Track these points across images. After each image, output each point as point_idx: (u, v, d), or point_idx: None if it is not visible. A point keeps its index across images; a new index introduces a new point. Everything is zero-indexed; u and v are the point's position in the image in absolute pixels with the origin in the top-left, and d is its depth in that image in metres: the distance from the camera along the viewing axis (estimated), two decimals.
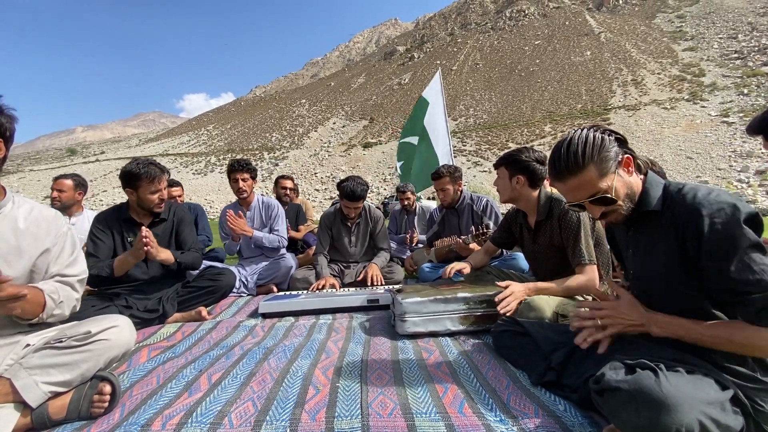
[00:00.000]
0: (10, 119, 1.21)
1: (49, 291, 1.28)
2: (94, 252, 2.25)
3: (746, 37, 60.92)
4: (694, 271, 1.04)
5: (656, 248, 1.14)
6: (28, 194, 49.98)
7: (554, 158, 1.17)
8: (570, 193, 1.18)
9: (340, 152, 60.33)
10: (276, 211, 3.36)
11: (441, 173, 3.21)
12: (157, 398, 1.32)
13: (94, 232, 2.31)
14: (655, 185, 1.15)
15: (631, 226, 1.22)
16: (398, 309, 1.95)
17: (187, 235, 2.53)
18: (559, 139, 1.18)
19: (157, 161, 2.37)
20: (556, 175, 1.18)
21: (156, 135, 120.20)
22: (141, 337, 2.06)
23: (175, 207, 2.58)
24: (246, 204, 3.37)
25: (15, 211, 1.30)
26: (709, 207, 0.99)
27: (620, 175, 1.14)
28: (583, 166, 1.11)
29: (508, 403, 1.25)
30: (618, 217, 1.17)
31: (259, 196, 3.42)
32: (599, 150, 1.11)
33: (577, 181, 1.13)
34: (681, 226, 1.04)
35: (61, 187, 3.24)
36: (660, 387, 0.87)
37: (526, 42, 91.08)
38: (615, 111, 48.54)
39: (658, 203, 1.12)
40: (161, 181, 2.31)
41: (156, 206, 2.33)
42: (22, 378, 1.16)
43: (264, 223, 3.36)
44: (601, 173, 1.11)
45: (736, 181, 28.37)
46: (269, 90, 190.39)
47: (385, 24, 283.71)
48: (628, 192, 1.14)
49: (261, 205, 3.39)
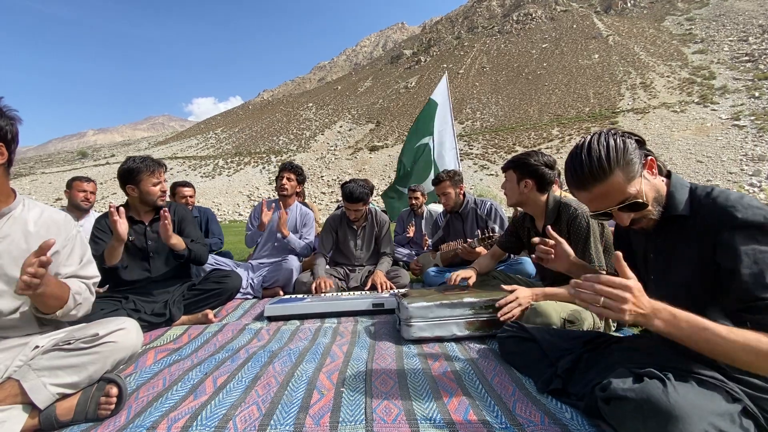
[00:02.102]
0: (10, 121, 1.20)
1: (75, 291, 1.32)
2: (95, 253, 2.25)
3: (757, 39, 60.17)
4: (718, 279, 0.98)
5: (681, 253, 1.08)
6: (40, 196, 50.75)
7: (575, 166, 1.10)
8: (596, 202, 1.11)
9: (346, 155, 60.52)
10: (310, 221, 3.57)
11: (441, 178, 3.25)
12: (163, 401, 1.33)
13: (96, 234, 2.33)
14: (681, 188, 1.10)
15: (654, 231, 1.16)
16: (404, 313, 1.94)
17: (191, 232, 2.56)
18: (575, 146, 1.12)
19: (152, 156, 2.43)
20: (579, 183, 1.10)
21: (165, 138, 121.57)
22: (148, 339, 2.08)
23: (174, 206, 2.60)
24: (287, 205, 3.56)
25: (25, 214, 1.32)
26: (743, 211, 0.94)
27: (646, 178, 1.08)
28: (610, 171, 1.04)
29: (513, 410, 1.23)
30: (648, 222, 1.11)
31: (297, 203, 3.63)
32: (624, 153, 1.04)
33: (604, 188, 1.06)
34: (712, 230, 0.99)
35: (92, 189, 3.52)
36: (668, 397, 0.86)
37: (534, 45, 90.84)
38: (623, 114, 48.13)
39: (686, 207, 1.06)
40: (161, 173, 2.38)
41: (159, 198, 2.37)
42: (30, 379, 1.17)
43: (297, 229, 3.54)
44: (628, 178, 1.05)
45: (747, 185, 27.93)
46: (277, 94, 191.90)
47: (392, 28, 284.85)
48: (656, 195, 1.09)
49: (298, 211, 3.60)
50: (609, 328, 1.89)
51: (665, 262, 1.15)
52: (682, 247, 1.08)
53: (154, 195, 2.35)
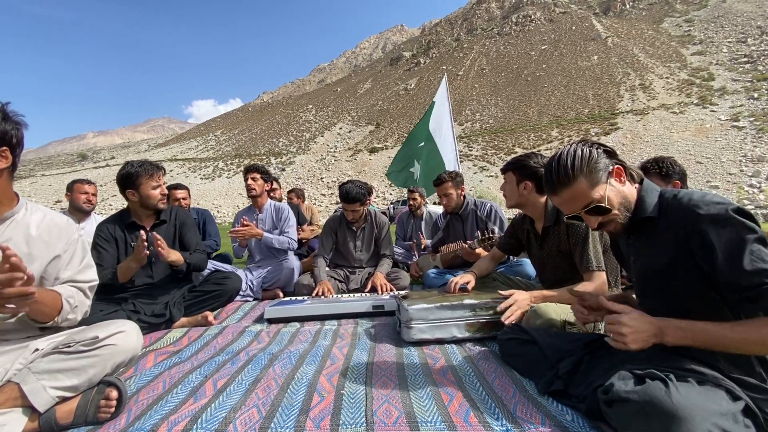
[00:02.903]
0: (16, 126, 1.21)
1: (66, 295, 1.31)
2: (98, 261, 2.25)
3: (756, 41, 60.34)
4: (695, 273, 1.04)
5: (655, 254, 1.15)
6: (40, 198, 50.76)
7: (547, 173, 1.23)
8: (565, 205, 1.23)
9: (346, 157, 60.57)
10: (286, 215, 3.52)
11: (443, 179, 3.24)
12: (163, 404, 1.33)
13: (98, 242, 2.32)
14: (651, 192, 1.18)
15: (631, 235, 1.24)
16: (404, 316, 1.94)
17: (191, 238, 2.56)
18: (551, 155, 1.24)
19: (151, 160, 2.44)
20: (550, 188, 1.23)
21: (165, 140, 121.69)
22: (148, 341, 2.07)
23: (176, 210, 2.60)
24: (259, 207, 3.56)
25: (28, 217, 1.32)
26: (707, 208, 1.01)
27: (612, 184, 1.17)
28: (574, 177, 1.16)
29: (514, 412, 1.23)
30: (616, 226, 1.19)
31: (270, 201, 3.62)
32: (587, 162, 1.15)
33: (569, 192, 1.18)
34: (680, 229, 1.06)
35: (93, 191, 3.53)
36: (670, 398, 0.86)
37: (533, 47, 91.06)
38: (623, 115, 48.23)
39: (655, 209, 1.15)
40: (159, 176, 2.39)
41: (160, 201, 2.38)
42: (30, 383, 1.17)
43: (275, 225, 3.52)
44: (591, 184, 1.15)
45: (747, 186, 27.97)
46: (276, 96, 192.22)
47: (391, 30, 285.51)
48: (623, 201, 1.17)
49: (272, 208, 3.58)
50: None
51: (643, 265, 1.22)
52: (656, 248, 1.15)
53: (155, 199, 2.35)
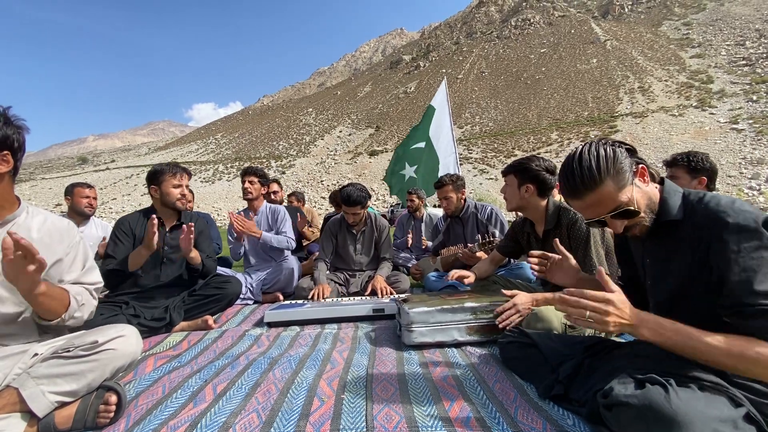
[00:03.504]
0: (17, 130, 1.22)
1: (74, 292, 1.32)
2: (112, 253, 2.34)
3: (754, 44, 60.55)
4: (713, 282, 1.00)
5: (676, 258, 1.10)
6: (40, 201, 50.78)
7: (567, 175, 1.12)
8: (589, 209, 1.14)
9: (346, 160, 60.64)
10: (282, 216, 3.54)
11: (444, 181, 3.24)
12: (162, 408, 1.32)
13: (116, 234, 2.40)
14: (674, 194, 1.12)
15: (649, 236, 1.17)
16: (405, 319, 1.94)
17: (206, 247, 2.63)
18: (567, 156, 1.15)
19: (186, 167, 2.56)
20: (572, 192, 1.13)
21: (165, 143, 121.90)
22: (147, 345, 2.07)
23: (197, 218, 2.69)
24: (254, 209, 3.56)
25: (29, 221, 1.32)
26: (735, 216, 0.96)
27: (638, 185, 1.11)
28: (601, 180, 1.07)
29: (515, 416, 1.22)
30: (642, 229, 1.13)
31: (266, 203, 3.62)
32: (614, 162, 1.07)
33: (595, 196, 1.09)
34: (705, 235, 1.01)
35: (94, 195, 3.53)
36: (670, 403, 0.85)
37: (532, 50, 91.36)
38: (622, 118, 48.34)
39: (679, 212, 1.08)
40: (183, 177, 2.48)
41: (179, 201, 2.44)
42: (29, 387, 1.16)
43: (270, 226, 3.52)
44: (619, 186, 1.08)
45: (747, 189, 27.98)
46: (276, 99, 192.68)
47: (391, 33, 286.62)
48: (648, 202, 1.11)
49: (268, 210, 3.59)
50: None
51: (660, 268, 1.16)
52: (676, 252, 1.10)
53: (173, 196, 2.42)
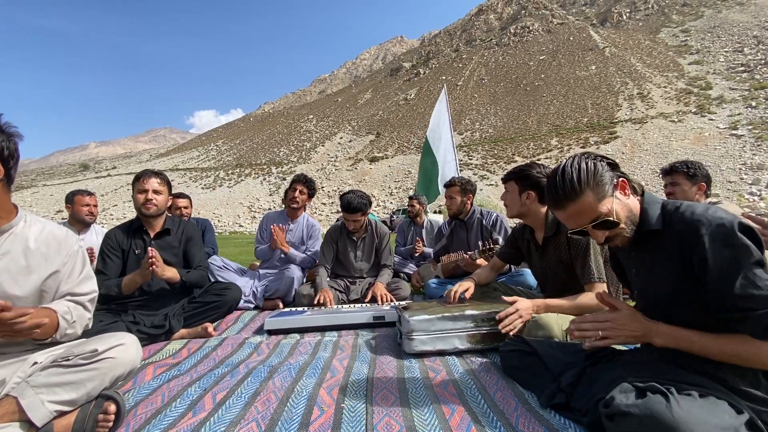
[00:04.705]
0: (8, 138, 1.18)
1: (62, 312, 1.28)
2: (103, 269, 2.30)
3: (752, 50, 60.93)
4: (698, 287, 1.04)
5: (659, 266, 1.14)
6: (41, 208, 50.85)
7: (551, 187, 1.20)
8: (571, 220, 1.20)
9: (346, 166, 60.82)
10: (316, 234, 3.57)
11: (453, 182, 3.32)
12: (162, 418, 1.31)
13: (105, 250, 2.36)
14: (653, 204, 1.17)
15: (633, 247, 1.22)
16: (405, 327, 1.93)
17: (195, 254, 2.57)
18: (553, 169, 1.22)
19: (160, 171, 2.50)
20: (555, 202, 1.20)
21: (166, 150, 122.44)
22: (147, 353, 2.06)
23: (185, 224, 2.62)
24: (293, 217, 3.58)
25: (26, 230, 1.31)
26: (708, 224, 1.00)
27: (618, 197, 1.16)
28: (581, 191, 1.13)
29: (516, 425, 1.22)
30: (623, 240, 1.18)
31: (305, 215, 3.64)
32: (594, 175, 1.13)
33: (576, 207, 1.15)
34: (683, 243, 1.05)
35: (95, 202, 3.52)
36: (671, 412, 0.85)
37: (531, 57, 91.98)
38: (622, 124, 48.48)
39: (658, 222, 1.14)
40: (146, 181, 2.39)
41: (143, 206, 2.37)
42: (28, 397, 1.15)
43: (303, 240, 3.55)
44: (599, 197, 1.13)
45: (747, 194, 27.97)
46: (278, 106, 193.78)
47: (391, 41, 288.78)
48: (629, 214, 1.16)
49: (305, 222, 3.61)
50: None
51: (645, 277, 1.21)
52: (658, 261, 1.14)
53: (137, 202, 2.38)
